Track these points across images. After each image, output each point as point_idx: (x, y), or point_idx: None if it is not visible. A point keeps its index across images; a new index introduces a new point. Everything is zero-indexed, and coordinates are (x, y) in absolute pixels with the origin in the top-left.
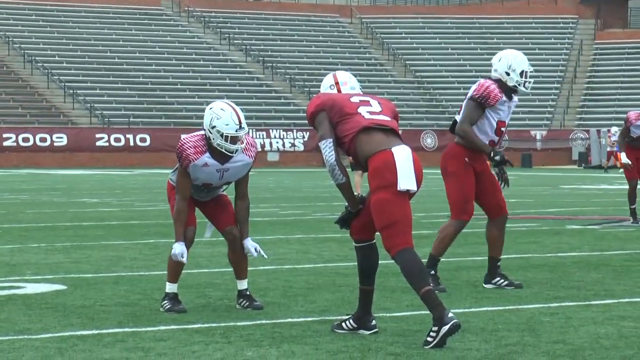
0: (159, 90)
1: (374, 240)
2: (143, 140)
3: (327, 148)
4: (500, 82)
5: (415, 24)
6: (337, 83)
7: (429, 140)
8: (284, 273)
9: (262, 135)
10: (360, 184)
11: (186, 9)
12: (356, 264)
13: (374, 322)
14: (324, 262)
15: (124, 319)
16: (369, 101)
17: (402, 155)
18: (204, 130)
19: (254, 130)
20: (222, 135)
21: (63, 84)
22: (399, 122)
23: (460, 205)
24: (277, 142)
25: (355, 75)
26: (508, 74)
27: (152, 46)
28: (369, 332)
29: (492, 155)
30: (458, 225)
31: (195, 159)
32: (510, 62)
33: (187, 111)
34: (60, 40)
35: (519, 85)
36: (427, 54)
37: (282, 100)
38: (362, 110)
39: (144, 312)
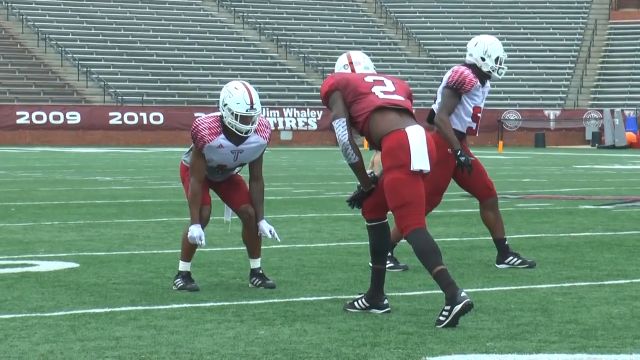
0: (172, 68)
1: (386, 220)
2: (157, 118)
3: (340, 127)
4: (474, 67)
5: (429, 3)
6: (351, 63)
7: None
8: (297, 252)
9: (276, 114)
10: (379, 163)
11: None
12: (368, 243)
13: (386, 301)
14: (336, 241)
15: (137, 297)
16: (382, 81)
17: (416, 135)
18: (220, 109)
19: (267, 109)
20: (232, 113)
21: (77, 61)
22: (413, 101)
23: (428, 195)
24: (291, 121)
25: (369, 55)
26: (483, 59)
27: (166, 24)
28: (381, 312)
29: (458, 154)
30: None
31: (210, 140)
32: (486, 47)
33: (201, 89)
34: (74, 18)
35: (493, 71)
36: (441, 33)
37: (296, 79)
38: (376, 89)
39: (157, 291)
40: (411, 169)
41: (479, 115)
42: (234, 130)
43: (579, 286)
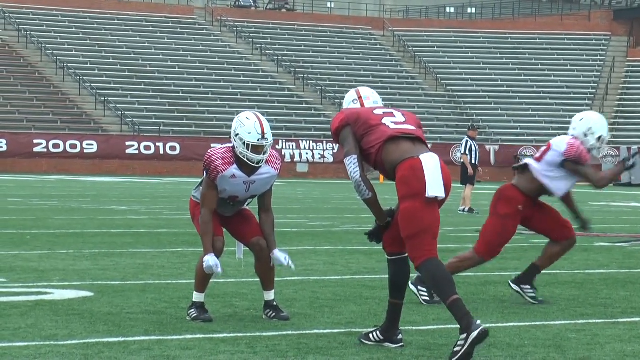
0: (190, 99)
1: (407, 254)
2: (173, 148)
3: (352, 164)
4: None
5: (447, 37)
6: (360, 97)
7: (459, 155)
8: (311, 284)
9: (292, 146)
10: (469, 197)
11: (219, 18)
12: (385, 276)
13: (400, 336)
14: (351, 274)
15: (150, 326)
16: (392, 112)
17: (431, 162)
18: (232, 139)
19: (283, 141)
20: (244, 143)
21: (94, 91)
22: (427, 135)
23: (492, 247)
24: (307, 153)
25: (386, 88)
26: (586, 135)
27: (184, 55)
28: (395, 346)
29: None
30: (478, 261)
31: (224, 170)
32: (590, 125)
33: (218, 121)
34: (92, 48)
35: (592, 149)
36: (458, 68)
37: (313, 112)
38: (387, 120)
39: (171, 321)
40: (426, 195)
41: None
42: (245, 160)
43: (593, 323)
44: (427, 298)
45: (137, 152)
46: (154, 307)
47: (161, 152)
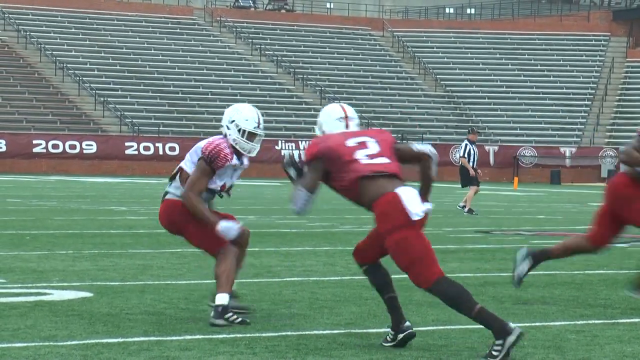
0: (189, 99)
1: (378, 262)
2: (172, 149)
3: (301, 200)
4: None
5: (446, 38)
6: (346, 117)
7: (457, 155)
8: (311, 285)
9: (292, 146)
10: (471, 198)
11: (218, 19)
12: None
13: (407, 323)
14: (350, 275)
15: (150, 327)
16: (365, 142)
17: (407, 192)
18: (223, 129)
19: (283, 141)
20: (239, 130)
21: (94, 91)
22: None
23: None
24: None
25: (385, 89)
26: None
27: (184, 55)
28: (403, 334)
29: None
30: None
31: (232, 159)
32: None
33: (217, 121)
34: (91, 48)
35: None
36: (458, 68)
37: (312, 112)
38: (360, 154)
39: (170, 321)
40: (412, 219)
41: None
42: (237, 148)
43: (592, 324)
44: None
45: (136, 152)
46: (153, 308)
47: (160, 152)
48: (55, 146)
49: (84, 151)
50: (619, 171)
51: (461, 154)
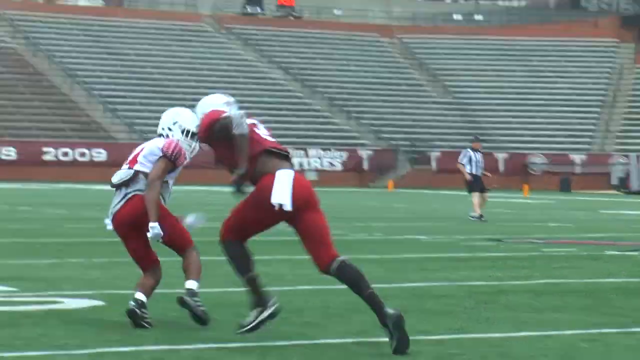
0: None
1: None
2: None
3: (240, 117)
4: None
5: (455, 44)
6: (229, 103)
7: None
8: (322, 293)
9: (301, 154)
10: (478, 205)
11: (226, 26)
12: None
13: (273, 299)
14: None
15: (162, 336)
16: (255, 124)
17: (283, 175)
18: (161, 132)
19: (292, 148)
20: (183, 130)
21: (103, 99)
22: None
23: None
24: (316, 161)
25: (394, 95)
26: None
27: (192, 62)
28: (270, 311)
29: None
30: None
31: (186, 158)
32: None
33: None
34: (100, 56)
35: None
36: (466, 75)
37: (321, 120)
38: (259, 131)
39: (182, 330)
40: (271, 201)
41: None
42: None
43: (605, 333)
44: None
45: None
46: (165, 317)
47: None
48: (65, 154)
49: (94, 158)
50: None
51: (458, 160)
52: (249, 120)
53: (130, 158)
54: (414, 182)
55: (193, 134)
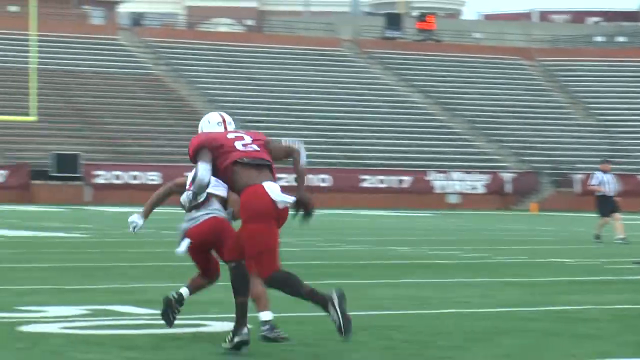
0: (337, 130)
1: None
2: (324, 180)
3: (205, 170)
4: None
5: (596, 67)
6: (224, 121)
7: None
8: (466, 316)
9: (442, 177)
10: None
11: (366, 50)
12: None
13: (245, 330)
14: (507, 307)
15: (306, 358)
16: (242, 136)
17: (272, 186)
18: None
19: (434, 172)
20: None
21: (240, 123)
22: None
23: None
24: (457, 185)
25: (536, 118)
26: None
27: (331, 87)
28: (239, 339)
29: None
30: None
31: None
32: None
33: (366, 152)
34: (240, 81)
35: None
36: (609, 97)
37: (463, 142)
38: (238, 144)
39: (328, 353)
40: (272, 197)
41: None
42: None
43: None
44: None
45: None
46: (312, 340)
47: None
48: None
49: None
50: None
51: (591, 183)
52: (231, 135)
53: None
54: (556, 205)
55: None
